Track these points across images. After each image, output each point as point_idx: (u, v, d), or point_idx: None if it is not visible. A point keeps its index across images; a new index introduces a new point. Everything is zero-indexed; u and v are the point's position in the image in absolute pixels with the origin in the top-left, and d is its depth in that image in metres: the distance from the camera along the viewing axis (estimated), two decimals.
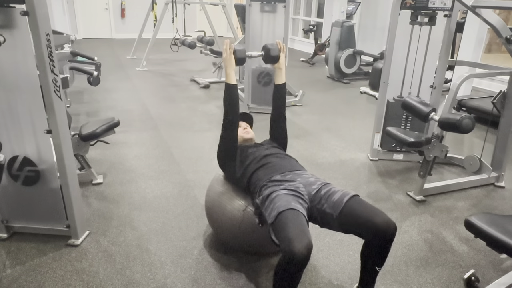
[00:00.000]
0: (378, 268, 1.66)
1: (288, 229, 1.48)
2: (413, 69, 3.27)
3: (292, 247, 1.37)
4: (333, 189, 1.75)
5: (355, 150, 3.75)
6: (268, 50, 2.11)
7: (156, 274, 1.98)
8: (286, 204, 1.61)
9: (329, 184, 1.80)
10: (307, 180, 1.81)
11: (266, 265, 2.05)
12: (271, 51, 2.10)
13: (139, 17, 9.56)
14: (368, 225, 1.56)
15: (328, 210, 1.67)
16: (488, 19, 2.57)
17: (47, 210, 2.17)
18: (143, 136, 3.98)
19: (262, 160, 1.95)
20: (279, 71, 2.15)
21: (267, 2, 4.45)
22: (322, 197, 1.71)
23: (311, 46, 9.61)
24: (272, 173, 1.85)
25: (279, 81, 2.16)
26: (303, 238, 1.42)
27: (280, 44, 2.14)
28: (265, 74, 4.73)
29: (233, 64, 2.00)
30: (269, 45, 2.12)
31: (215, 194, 2.14)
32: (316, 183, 1.79)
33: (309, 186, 1.78)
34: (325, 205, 1.69)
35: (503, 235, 1.51)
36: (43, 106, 1.91)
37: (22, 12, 1.72)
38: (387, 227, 1.54)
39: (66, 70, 3.18)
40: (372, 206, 1.65)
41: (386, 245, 1.59)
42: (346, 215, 1.63)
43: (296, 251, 1.36)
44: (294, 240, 1.40)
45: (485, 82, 6.40)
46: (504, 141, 2.98)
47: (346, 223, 1.64)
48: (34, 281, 1.90)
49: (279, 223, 1.54)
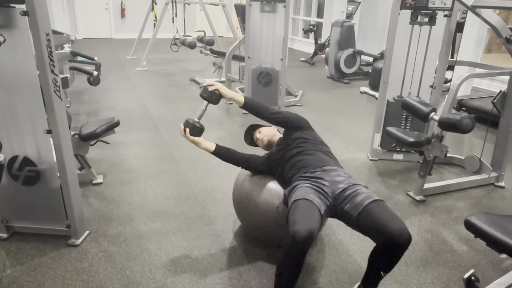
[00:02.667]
0: (383, 274, 1.65)
1: (296, 214, 1.59)
2: (413, 69, 3.27)
3: (294, 229, 1.48)
4: (359, 190, 1.74)
5: (355, 150, 3.75)
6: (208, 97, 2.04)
7: (156, 274, 1.98)
8: (304, 194, 1.71)
9: (357, 185, 1.78)
10: (334, 179, 1.81)
11: (266, 266, 2.05)
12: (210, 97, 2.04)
13: (139, 17, 9.56)
14: (382, 230, 1.53)
15: (349, 210, 1.69)
16: (488, 19, 2.57)
17: (47, 210, 2.17)
18: (143, 136, 3.98)
19: (290, 161, 1.98)
20: (232, 99, 2.12)
21: (267, 2, 4.45)
22: (346, 197, 1.72)
23: (311, 46, 9.62)
24: (303, 169, 1.91)
25: (240, 103, 2.12)
26: (306, 222, 1.51)
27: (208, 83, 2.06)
28: (265, 74, 4.73)
29: (197, 140, 2.06)
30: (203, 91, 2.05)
31: (246, 187, 2.14)
32: (343, 182, 1.79)
33: (335, 184, 1.78)
34: (347, 205, 1.70)
35: (503, 235, 1.51)
36: (43, 106, 1.91)
37: (22, 12, 1.72)
38: (401, 235, 1.50)
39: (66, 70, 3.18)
40: (393, 212, 1.61)
41: (397, 254, 1.55)
42: (365, 217, 1.62)
43: (297, 232, 1.45)
44: (297, 222, 1.51)
45: (485, 82, 6.39)
46: (504, 141, 2.98)
47: (364, 225, 1.63)
48: (34, 281, 1.90)
49: (292, 209, 1.65)
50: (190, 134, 2.04)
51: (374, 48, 8.00)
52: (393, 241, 1.50)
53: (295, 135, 2.10)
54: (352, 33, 6.76)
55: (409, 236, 1.50)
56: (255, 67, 4.71)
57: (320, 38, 9.18)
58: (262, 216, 2.04)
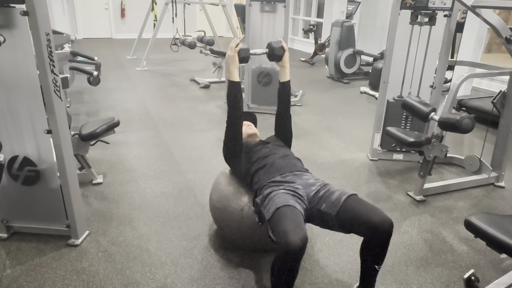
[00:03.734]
0: (377, 267, 1.67)
1: (284, 223, 1.53)
2: (413, 69, 3.27)
3: (288, 239, 1.43)
4: (331, 189, 1.77)
5: (355, 150, 3.75)
6: (273, 48, 2.12)
7: (156, 274, 1.98)
8: (284, 201, 1.65)
9: (328, 185, 1.82)
10: (306, 182, 1.83)
11: (265, 266, 2.05)
12: (275, 49, 2.12)
13: (139, 17, 9.56)
14: (365, 223, 1.59)
15: (327, 210, 1.69)
16: (488, 19, 2.57)
17: (47, 210, 2.17)
18: (143, 136, 3.98)
19: (265, 160, 1.97)
20: (283, 68, 2.16)
21: (267, 2, 4.45)
22: (321, 198, 1.73)
23: (311, 46, 9.61)
24: (273, 174, 1.88)
25: (284, 78, 2.17)
26: (298, 231, 1.47)
27: (282, 42, 2.15)
28: (265, 74, 4.73)
29: (237, 62, 2.01)
30: (274, 43, 2.13)
31: (219, 191, 2.15)
32: (315, 184, 1.81)
33: (308, 187, 1.79)
34: (323, 205, 1.71)
35: (503, 235, 1.51)
36: (43, 106, 1.91)
37: (22, 12, 1.72)
38: (383, 223, 1.56)
39: (66, 70, 3.18)
40: (370, 204, 1.67)
41: (384, 242, 1.61)
42: (344, 213, 1.65)
43: (292, 243, 1.41)
44: (290, 232, 1.46)
45: (485, 82, 6.39)
46: (504, 141, 2.98)
47: (344, 222, 1.66)
48: (34, 281, 1.90)
49: (276, 218, 1.59)
50: (238, 53, 2.01)
51: (374, 48, 8.00)
52: (378, 231, 1.57)
53: (277, 141, 2.19)
54: (352, 33, 6.76)
55: (391, 222, 1.58)
56: (255, 67, 4.71)
57: (320, 38, 9.18)
58: (229, 219, 2.04)
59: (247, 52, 2.05)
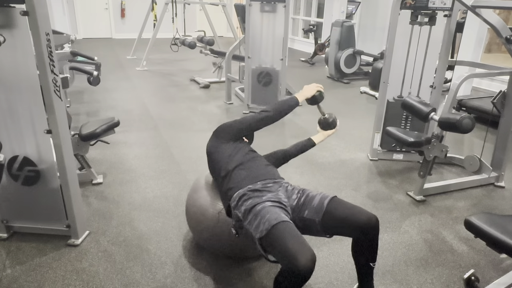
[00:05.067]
0: (372, 264, 1.68)
1: (287, 243, 1.40)
2: (413, 69, 3.27)
3: (297, 262, 1.32)
4: (310, 194, 1.73)
5: (355, 150, 3.75)
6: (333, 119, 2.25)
7: (156, 274, 1.98)
8: (277, 216, 1.52)
9: (306, 190, 1.78)
10: (287, 189, 1.78)
11: (265, 265, 2.05)
12: (334, 121, 2.25)
13: (139, 17, 9.56)
14: (351, 223, 1.59)
15: (310, 216, 1.65)
16: (488, 19, 2.57)
17: (47, 210, 2.17)
18: (143, 136, 3.98)
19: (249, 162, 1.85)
20: (323, 136, 2.24)
21: (267, 2, 4.44)
22: (302, 205, 1.70)
23: (311, 46, 9.61)
24: (253, 179, 1.76)
25: (316, 141, 2.23)
26: (305, 251, 1.36)
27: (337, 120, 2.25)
28: (265, 74, 4.73)
29: (309, 96, 2.08)
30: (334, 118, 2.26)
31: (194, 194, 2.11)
32: (294, 192, 1.76)
33: (289, 196, 1.75)
34: (306, 211, 1.67)
35: (503, 235, 1.51)
36: (43, 106, 1.91)
37: (22, 12, 1.72)
38: (370, 221, 1.57)
39: (66, 70, 3.18)
40: (351, 204, 1.67)
41: (373, 239, 1.61)
42: (329, 218, 1.63)
43: (302, 266, 1.32)
44: (297, 254, 1.34)
45: (485, 82, 6.39)
46: (504, 141, 2.98)
47: (330, 226, 1.64)
48: (34, 281, 1.90)
49: (274, 237, 1.46)
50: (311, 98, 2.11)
51: (374, 48, 8.00)
52: (366, 230, 1.57)
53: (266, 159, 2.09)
54: (352, 33, 6.76)
55: (376, 218, 1.59)
56: (255, 67, 4.71)
57: (320, 38, 9.18)
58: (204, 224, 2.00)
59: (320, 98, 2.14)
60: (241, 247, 1.99)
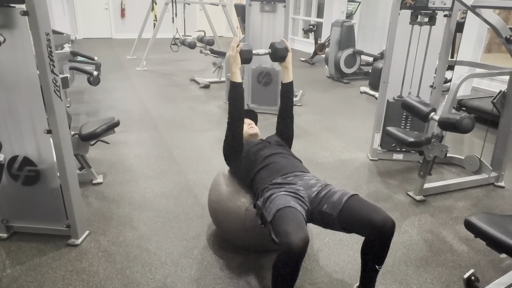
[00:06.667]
0: (378, 267, 1.67)
1: (285, 223, 1.53)
2: (413, 69, 3.27)
3: (289, 239, 1.43)
4: (332, 189, 1.77)
5: (355, 150, 3.75)
6: (276, 49, 2.10)
7: (156, 274, 1.98)
8: (285, 202, 1.65)
9: (329, 186, 1.81)
10: (308, 183, 1.82)
11: (266, 265, 2.05)
12: (278, 50, 2.10)
13: (139, 17, 9.57)
14: (366, 222, 1.59)
15: (328, 210, 1.69)
16: (488, 19, 2.57)
17: (47, 210, 2.17)
18: (143, 136, 3.98)
19: (266, 160, 1.96)
20: (286, 69, 2.16)
21: (267, 2, 4.45)
22: (322, 199, 1.73)
23: (311, 46, 9.61)
24: (274, 175, 1.87)
25: (286, 79, 2.17)
26: (299, 231, 1.46)
27: (285, 42, 2.14)
28: (265, 74, 4.73)
29: (239, 62, 2.00)
30: (277, 43, 2.11)
31: (218, 191, 2.15)
32: (316, 185, 1.80)
33: (309, 188, 1.79)
34: (325, 205, 1.71)
35: (503, 235, 1.51)
36: (43, 106, 1.91)
37: (22, 12, 1.72)
38: (385, 223, 1.56)
39: (66, 70, 3.18)
40: (371, 203, 1.67)
41: (385, 242, 1.60)
42: (346, 214, 1.65)
43: (293, 243, 1.41)
44: (291, 233, 1.45)
45: (485, 82, 6.39)
46: (504, 141, 2.98)
47: (346, 222, 1.66)
48: (34, 281, 1.90)
49: (277, 219, 1.59)
50: (240, 54, 2.00)
51: (374, 48, 8.00)
52: (379, 230, 1.57)
53: (278, 141, 2.18)
54: (352, 33, 6.76)
55: (392, 222, 1.57)
56: (255, 67, 4.71)
57: (320, 38, 9.18)
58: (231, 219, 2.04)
59: (250, 53, 2.04)
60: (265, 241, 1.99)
